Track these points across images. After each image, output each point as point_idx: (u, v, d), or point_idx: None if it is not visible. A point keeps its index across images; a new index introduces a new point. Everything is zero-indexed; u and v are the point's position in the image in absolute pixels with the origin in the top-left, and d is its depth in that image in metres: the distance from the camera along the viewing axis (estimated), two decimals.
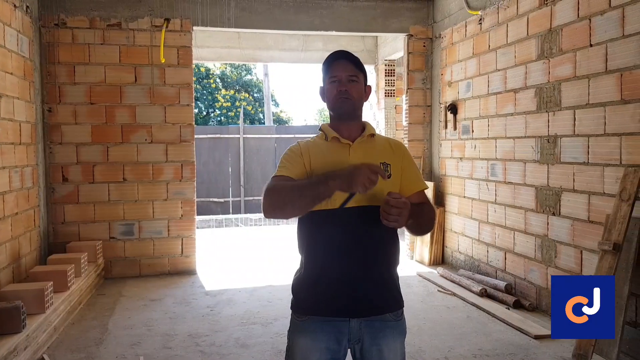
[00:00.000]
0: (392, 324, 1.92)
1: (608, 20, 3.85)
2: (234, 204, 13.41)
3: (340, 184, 1.73)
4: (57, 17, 5.80)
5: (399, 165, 1.97)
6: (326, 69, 1.98)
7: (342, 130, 1.97)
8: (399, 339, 1.94)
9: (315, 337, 1.89)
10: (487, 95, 5.53)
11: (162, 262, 6.13)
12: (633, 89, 3.65)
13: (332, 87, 1.95)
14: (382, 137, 2.08)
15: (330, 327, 1.88)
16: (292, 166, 1.92)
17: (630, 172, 3.61)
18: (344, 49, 2.32)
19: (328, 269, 1.88)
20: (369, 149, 1.96)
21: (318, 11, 6.50)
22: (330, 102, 1.96)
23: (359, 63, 1.98)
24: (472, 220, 5.86)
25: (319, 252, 1.90)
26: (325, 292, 1.88)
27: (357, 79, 1.95)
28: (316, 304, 1.90)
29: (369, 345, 1.89)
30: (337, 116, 1.98)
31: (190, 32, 6.11)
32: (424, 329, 4.32)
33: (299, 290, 1.97)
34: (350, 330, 1.88)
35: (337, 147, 1.95)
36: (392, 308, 1.93)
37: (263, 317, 4.66)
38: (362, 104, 2.00)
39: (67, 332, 4.32)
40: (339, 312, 1.87)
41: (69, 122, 5.86)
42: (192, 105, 6.18)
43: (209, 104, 22.24)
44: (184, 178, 6.15)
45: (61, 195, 5.87)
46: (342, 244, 1.86)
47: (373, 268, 1.88)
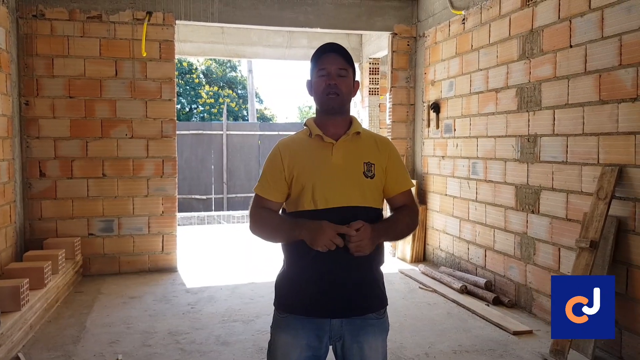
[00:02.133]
0: (374, 321, 1.92)
1: (588, 22, 3.90)
2: (216, 201, 13.32)
3: (305, 237, 1.81)
4: (35, 8, 5.69)
5: (383, 165, 1.95)
6: (315, 61, 1.94)
7: (328, 126, 1.94)
8: (380, 337, 1.94)
9: (296, 333, 1.88)
10: (469, 95, 5.57)
11: (142, 259, 6.06)
12: (611, 90, 3.70)
13: (320, 80, 1.91)
14: (368, 133, 2.03)
15: (311, 324, 1.88)
16: (272, 186, 1.94)
17: (607, 171, 3.67)
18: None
19: (309, 269, 1.87)
20: (352, 148, 1.94)
21: (303, 8, 6.48)
22: (318, 96, 1.93)
23: (349, 57, 1.95)
24: (454, 218, 5.91)
25: (298, 253, 1.89)
26: (306, 292, 1.88)
27: (347, 73, 1.92)
28: (297, 302, 1.89)
29: (350, 342, 1.89)
30: (324, 111, 1.95)
31: (173, 26, 6.05)
32: (405, 325, 4.34)
33: (280, 287, 1.97)
34: (331, 328, 1.88)
35: (319, 145, 1.93)
36: (375, 308, 1.93)
37: (244, 315, 4.63)
38: (350, 99, 1.97)
39: (44, 330, 4.25)
40: (320, 312, 1.87)
41: (47, 115, 5.76)
42: (174, 100, 6.12)
43: (191, 100, 22.05)
44: (165, 174, 6.08)
45: (38, 191, 5.77)
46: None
47: (355, 269, 1.87)
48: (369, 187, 1.90)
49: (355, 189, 1.88)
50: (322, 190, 1.86)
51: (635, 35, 3.49)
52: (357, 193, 1.88)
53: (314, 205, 1.86)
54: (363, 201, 1.88)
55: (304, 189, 1.88)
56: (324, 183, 1.87)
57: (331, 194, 1.86)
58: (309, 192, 1.87)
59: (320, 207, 1.85)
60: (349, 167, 1.90)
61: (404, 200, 2.00)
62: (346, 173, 1.89)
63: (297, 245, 1.87)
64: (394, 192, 1.98)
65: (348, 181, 1.88)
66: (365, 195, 1.89)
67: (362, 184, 1.89)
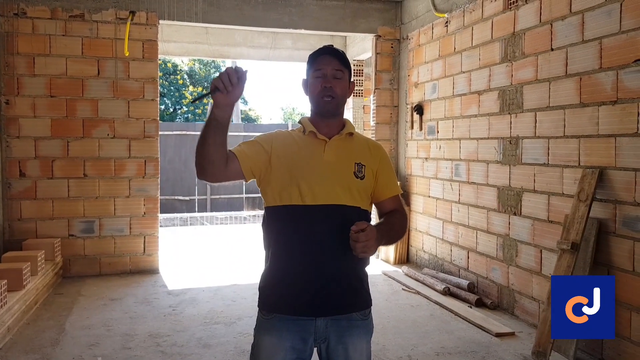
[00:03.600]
0: (358, 322, 1.91)
1: (569, 25, 3.95)
2: (200, 202, 13.24)
3: (214, 109, 1.71)
4: (16, 6, 5.60)
5: (374, 168, 1.96)
6: (312, 62, 1.95)
7: (322, 126, 1.95)
8: (365, 338, 1.93)
9: (280, 335, 1.86)
10: (452, 97, 5.61)
11: (123, 260, 5.99)
12: (591, 93, 3.75)
13: (316, 81, 1.92)
14: (361, 136, 2.06)
15: (295, 326, 1.85)
16: (247, 146, 1.91)
17: (588, 173, 3.71)
18: (313, 47, 2.31)
19: (292, 267, 1.86)
20: (344, 148, 1.94)
21: (287, 9, 6.47)
22: (314, 97, 1.93)
23: (345, 59, 1.96)
24: (437, 219, 5.94)
25: (284, 249, 1.88)
26: (290, 290, 1.86)
27: (342, 74, 1.93)
28: (281, 302, 1.87)
29: (335, 344, 1.88)
30: (318, 113, 1.95)
31: (157, 25, 5.99)
32: (388, 327, 4.34)
33: (264, 287, 1.94)
34: (316, 330, 1.86)
35: (312, 142, 1.93)
36: (359, 307, 1.92)
37: (227, 317, 4.60)
38: (345, 102, 1.99)
39: (22, 332, 4.17)
40: (304, 311, 1.85)
41: (27, 115, 5.67)
42: (156, 100, 6.06)
43: (176, 100, 21.91)
44: (147, 174, 6.02)
45: (18, 191, 5.67)
46: (307, 242, 1.83)
47: (340, 267, 1.86)
48: (357, 187, 1.90)
49: (344, 188, 1.88)
50: (310, 186, 1.85)
51: (615, 39, 3.54)
52: (346, 192, 1.87)
53: (302, 200, 1.84)
54: (352, 201, 1.88)
55: (292, 183, 1.86)
56: (314, 179, 1.86)
57: (320, 190, 1.85)
58: (297, 187, 1.85)
59: (308, 203, 1.84)
60: (340, 166, 1.90)
61: (393, 205, 2.00)
62: (337, 171, 1.89)
63: (281, 237, 1.86)
64: (384, 196, 1.98)
65: (338, 179, 1.88)
66: (354, 195, 1.89)
67: (351, 184, 1.89)
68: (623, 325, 3.44)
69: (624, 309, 3.45)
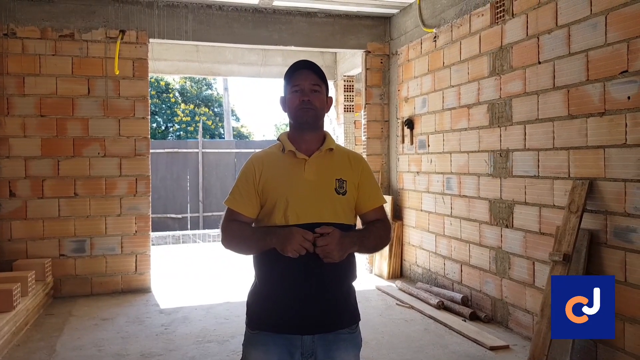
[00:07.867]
0: (345, 336, 1.91)
1: (555, 38, 4.00)
2: (192, 220, 13.17)
3: (276, 244, 1.80)
4: (6, 27, 5.60)
5: (356, 181, 1.96)
6: (288, 78, 1.95)
7: (301, 142, 1.95)
8: (352, 352, 1.92)
9: (267, 350, 1.86)
10: (442, 111, 5.65)
11: (115, 279, 5.93)
12: (579, 105, 3.79)
13: (294, 96, 1.92)
14: (342, 150, 2.05)
15: (282, 340, 1.86)
16: (244, 199, 1.93)
17: (578, 184, 3.73)
18: None
19: (279, 286, 1.86)
20: (324, 165, 1.94)
21: (277, 26, 6.52)
22: (292, 111, 1.94)
23: (322, 73, 1.97)
24: (429, 233, 5.94)
25: (268, 268, 1.89)
26: (276, 308, 1.86)
27: (320, 89, 1.93)
28: (267, 319, 1.88)
29: (322, 358, 1.87)
30: (298, 126, 1.95)
31: (147, 44, 6.02)
32: (383, 342, 4.31)
33: (251, 304, 1.96)
34: (303, 344, 1.86)
35: (292, 161, 1.93)
36: (345, 324, 1.92)
37: (219, 335, 4.55)
38: (324, 114, 1.99)
39: (12, 354, 4.10)
40: (289, 329, 1.85)
41: (17, 134, 5.64)
42: (147, 118, 6.06)
43: (167, 118, 21.91)
44: (139, 193, 5.99)
45: (8, 211, 5.62)
46: (289, 262, 1.82)
47: (326, 285, 1.86)
48: (340, 203, 1.90)
49: (327, 205, 1.88)
50: (293, 206, 1.86)
51: (601, 51, 3.59)
52: (328, 209, 1.88)
53: (285, 220, 1.85)
54: (335, 217, 1.88)
55: (276, 205, 1.88)
56: (296, 199, 1.87)
57: (302, 209, 1.86)
58: (281, 208, 1.87)
59: (291, 223, 1.84)
60: (320, 184, 1.91)
61: (376, 216, 2.01)
62: (318, 189, 1.89)
63: (268, 255, 1.86)
64: (367, 208, 1.99)
65: (319, 197, 1.88)
66: (337, 211, 1.90)
67: (333, 201, 1.89)
68: (616, 335, 3.44)
69: (617, 319, 3.44)
